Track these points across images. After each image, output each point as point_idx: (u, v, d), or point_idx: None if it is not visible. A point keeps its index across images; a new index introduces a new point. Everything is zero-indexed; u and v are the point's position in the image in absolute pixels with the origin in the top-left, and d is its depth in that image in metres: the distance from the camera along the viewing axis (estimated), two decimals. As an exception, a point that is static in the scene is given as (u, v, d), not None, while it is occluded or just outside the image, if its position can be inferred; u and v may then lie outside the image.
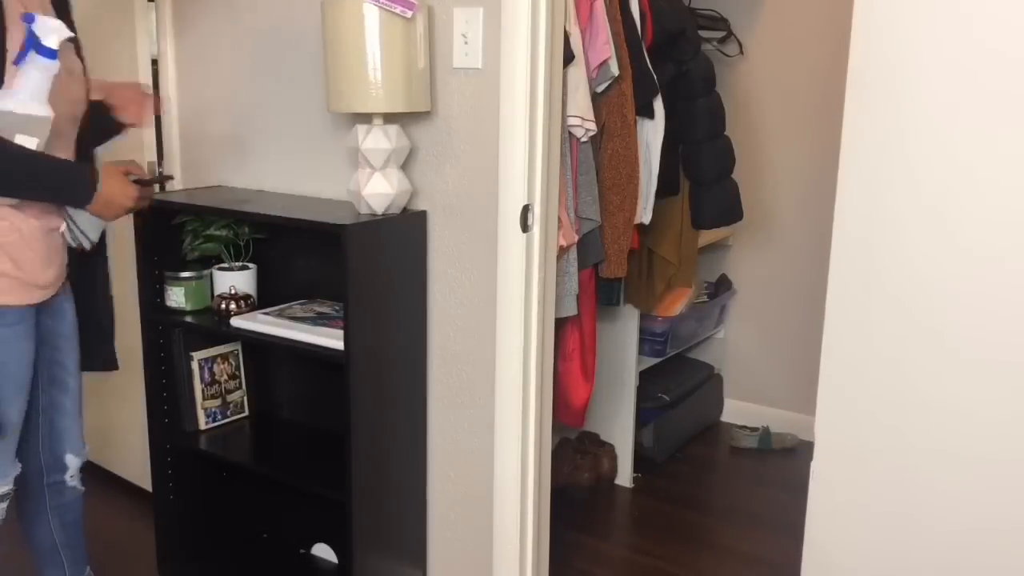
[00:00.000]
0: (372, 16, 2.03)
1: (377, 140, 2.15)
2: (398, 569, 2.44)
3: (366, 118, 2.16)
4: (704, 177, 2.92)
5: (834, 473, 1.77)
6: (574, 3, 2.45)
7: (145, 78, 2.75)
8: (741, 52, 3.54)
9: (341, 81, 2.10)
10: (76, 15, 1.99)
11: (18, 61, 1.73)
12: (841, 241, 1.70)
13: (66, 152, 1.92)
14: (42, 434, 2.08)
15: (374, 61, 2.05)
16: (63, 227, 1.94)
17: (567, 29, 2.31)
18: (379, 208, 2.19)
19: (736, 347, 3.85)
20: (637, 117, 2.70)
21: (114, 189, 1.90)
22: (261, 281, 2.52)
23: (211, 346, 2.58)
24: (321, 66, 2.38)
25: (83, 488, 2.20)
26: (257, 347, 2.64)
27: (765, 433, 3.60)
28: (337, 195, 2.43)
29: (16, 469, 1.98)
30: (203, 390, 2.56)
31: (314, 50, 2.38)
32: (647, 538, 2.99)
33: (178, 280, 2.46)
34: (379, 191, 2.17)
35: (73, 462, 2.14)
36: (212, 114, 2.68)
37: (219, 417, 2.60)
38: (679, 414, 3.52)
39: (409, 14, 2.05)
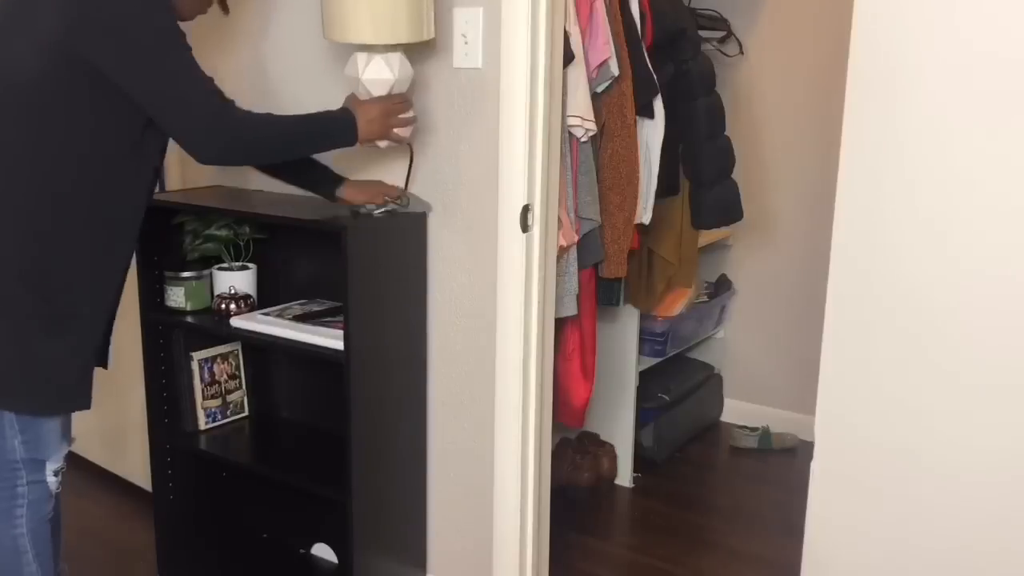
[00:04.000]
0: None
1: (379, 70, 2.06)
2: (398, 569, 2.44)
3: (366, 47, 2.07)
4: (704, 177, 2.92)
5: (834, 473, 1.77)
6: (574, 3, 2.45)
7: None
8: (741, 52, 3.54)
9: (337, 8, 2.00)
10: None
11: None
12: (841, 241, 1.70)
13: None
14: None
15: None
16: None
17: (567, 29, 2.31)
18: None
19: (736, 347, 3.84)
20: (637, 117, 2.70)
21: (371, 113, 2.04)
22: (261, 281, 2.52)
23: (211, 346, 2.58)
24: (322, 62, 2.38)
25: None
26: (257, 347, 2.63)
27: (765, 433, 3.60)
28: (337, 195, 2.43)
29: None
30: (203, 390, 2.56)
31: (317, 51, 2.38)
32: (647, 538, 2.99)
33: (178, 280, 2.45)
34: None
35: None
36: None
37: (219, 417, 2.60)
38: (679, 414, 3.52)
39: None
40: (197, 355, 2.54)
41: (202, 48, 1.83)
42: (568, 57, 2.34)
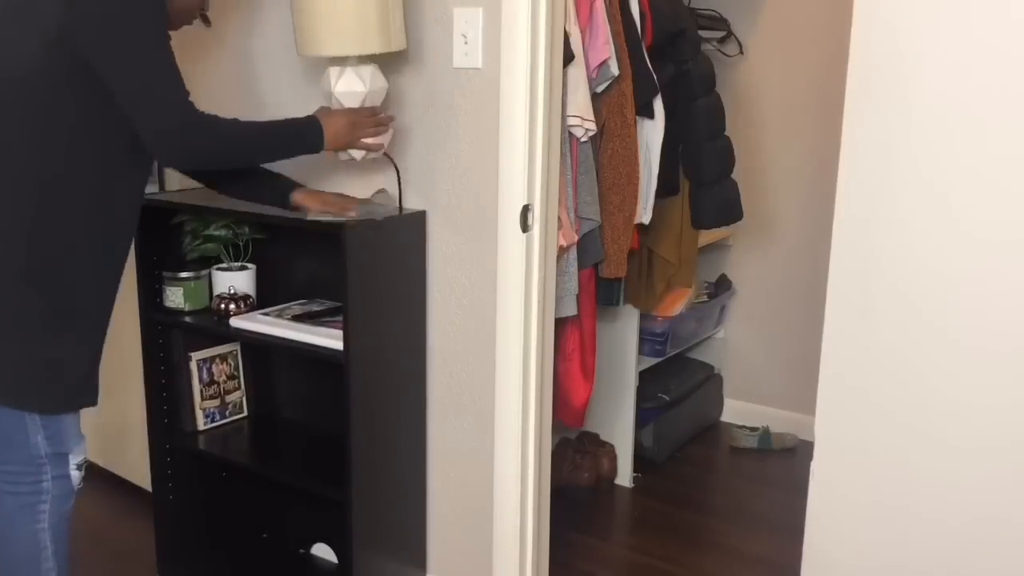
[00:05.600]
0: None
1: (350, 83, 2.09)
2: (398, 569, 2.44)
3: (339, 61, 2.11)
4: (704, 177, 2.92)
5: (834, 473, 1.77)
6: (574, 3, 2.45)
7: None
8: (741, 52, 3.54)
9: (308, 23, 2.03)
10: None
11: None
12: (841, 240, 1.70)
13: None
14: None
15: None
16: None
17: (567, 29, 2.31)
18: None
19: (736, 347, 3.84)
20: (637, 117, 2.70)
21: (338, 123, 2.07)
22: (260, 281, 2.51)
23: (210, 346, 2.57)
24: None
25: None
26: (256, 347, 2.63)
27: (765, 433, 3.60)
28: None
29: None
30: (201, 390, 2.56)
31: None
32: (647, 538, 2.99)
33: (177, 280, 2.45)
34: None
35: None
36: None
37: (217, 418, 2.60)
38: (679, 414, 3.52)
39: None
40: (195, 355, 2.54)
41: (183, 59, 1.84)
42: (568, 57, 2.34)
